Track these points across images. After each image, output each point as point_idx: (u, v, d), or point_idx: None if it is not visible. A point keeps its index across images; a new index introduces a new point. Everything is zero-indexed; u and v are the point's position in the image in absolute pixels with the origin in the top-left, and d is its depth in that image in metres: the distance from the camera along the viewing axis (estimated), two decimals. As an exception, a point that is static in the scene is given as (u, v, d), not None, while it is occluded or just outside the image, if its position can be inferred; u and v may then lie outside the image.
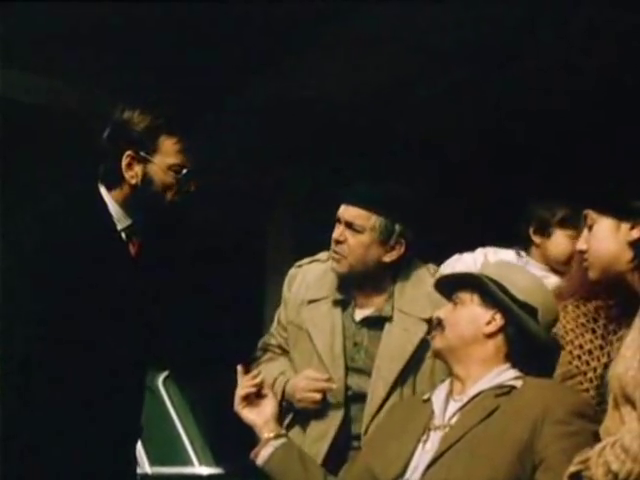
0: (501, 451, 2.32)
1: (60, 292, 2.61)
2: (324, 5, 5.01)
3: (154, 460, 4.43)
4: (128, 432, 2.81)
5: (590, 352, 2.70)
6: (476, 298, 2.56)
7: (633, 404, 2.05)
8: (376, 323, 3.03)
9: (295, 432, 3.03)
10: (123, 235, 2.76)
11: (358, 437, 2.97)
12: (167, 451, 4.49)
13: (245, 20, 5.09)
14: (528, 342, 2.53)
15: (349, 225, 3.01)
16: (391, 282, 3.06)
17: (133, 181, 2.71)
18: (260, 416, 2.69)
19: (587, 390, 2.68)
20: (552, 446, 2.29)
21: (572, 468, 2.11)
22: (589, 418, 2.34)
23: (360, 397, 2.99)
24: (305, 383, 2.99)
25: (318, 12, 5.10)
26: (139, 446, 4.34)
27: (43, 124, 5.66)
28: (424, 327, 2.96)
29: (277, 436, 2.67)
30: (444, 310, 2.60)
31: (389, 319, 3.01)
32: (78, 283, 2.62)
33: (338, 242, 3.02)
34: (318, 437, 3.00)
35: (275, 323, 3.24)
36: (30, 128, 5.65)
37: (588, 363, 2.70)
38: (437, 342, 2.58)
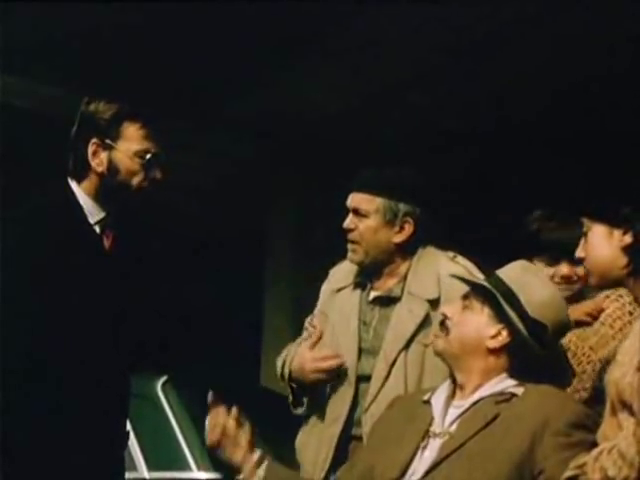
0: (500, 461, 2.31)
1: (35, 293, 2.60)
2: (313, 21, 5.03)
3: (152, 465, 4.43)
4: (113, 436, 2.78)
5: None
6: (487, 309, 2.52)
7: (630, 410, 2.05)
8: (387, 304, 3.06)
9: (312, 419, 3.08)
10: (97, 228, 2.74)
11: (359, 422, 2.98)
12: (165, 456, 4.48)
13: (235, 36, 5.13)
14: (531, 361, 2.50)
15: (356, 212, 3.07)
16: (406, 265, 3.07)
17: (99, 169, 2.71)
18: (237, 450, 2.55)
19: None
20: (552, 457, 2.28)
21: (568, 473, 2.12)
22: (589, 429, 2.31)
23: (365, 379, 3.00)
24: (312, 354, 3.03)
25: (307, 28, 5.13)
26: (138, 451, 4.35)
27: (42, 130, 5.67)
28: (427, 307, 2.97)
29: (259, 463, 2.54)
30: (452, 308, 2.57)
31: (398, 300, 3.03)
32: (52, 282, 2.61)
33: (349, 230, 3.07)
34: (331, 421, 3.02)
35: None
36: (28, 134, 5.66)
37: None
38: (440, 344, 2.56)
